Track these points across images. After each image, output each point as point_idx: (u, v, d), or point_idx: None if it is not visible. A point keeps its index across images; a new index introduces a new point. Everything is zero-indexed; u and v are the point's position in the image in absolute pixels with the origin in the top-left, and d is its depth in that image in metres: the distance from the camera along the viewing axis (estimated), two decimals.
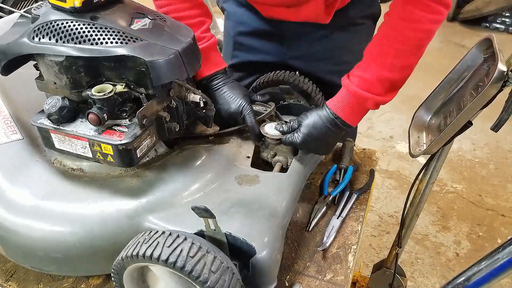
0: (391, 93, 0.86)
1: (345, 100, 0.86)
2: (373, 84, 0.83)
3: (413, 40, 0.81)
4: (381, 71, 0.83)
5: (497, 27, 4.20)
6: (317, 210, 0.98)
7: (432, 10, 0.78)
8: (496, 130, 0.73)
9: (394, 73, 0.83)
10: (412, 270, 1.89)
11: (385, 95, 0.85)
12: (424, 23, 0.79)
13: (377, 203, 2.25)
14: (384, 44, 0.83)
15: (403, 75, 0.85)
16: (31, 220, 0.76)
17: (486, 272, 0.76)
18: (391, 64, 0.82)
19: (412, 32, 0.80)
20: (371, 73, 0.83)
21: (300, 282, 0.83)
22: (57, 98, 0.75)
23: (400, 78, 0.85)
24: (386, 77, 0.83)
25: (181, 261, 0.60)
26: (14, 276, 0.86)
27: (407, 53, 0.82)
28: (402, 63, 0.83)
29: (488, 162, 2.53)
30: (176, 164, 0.85)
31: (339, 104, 0.87)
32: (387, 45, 0.82)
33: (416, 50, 0.82)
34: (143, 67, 0.71)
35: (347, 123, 0.88)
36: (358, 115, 0.88)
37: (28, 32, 0.73)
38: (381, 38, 0.84)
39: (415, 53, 0.83)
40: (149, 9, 0.82)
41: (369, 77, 0.83)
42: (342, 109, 0.87)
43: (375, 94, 0.84)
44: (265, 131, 0.95)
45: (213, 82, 1.00)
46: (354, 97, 0.85)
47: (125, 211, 0.76)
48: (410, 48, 0.82)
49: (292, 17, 1.11)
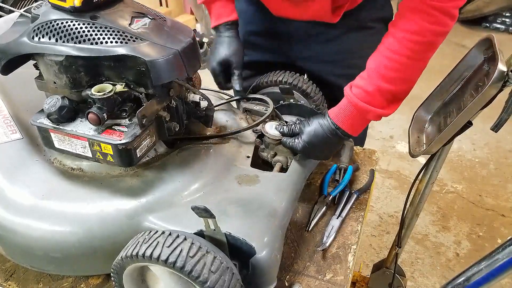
0: (393, 105, 0.85)
1: (347, 111, 0.85)
2: (375, 96, 0.82)
3: (417, 53, 0.79)
4: (383, 83, 0.81)
5: (497, 27, 4.20)
6: (317, 210, 0.98)
7: (437, 21, 0.76)
8: (496, 130, 0.73)
9: (396, 86, 0.82)
10: (412, 270, 1.89)
11: (387, 108, 0.84)
12: (427, 36, 0.78)
13: (377, 203, 2.25)
14: (386, 56, 0.81)
15: (406, 88, 0.83)
16: (30, 219, 0.76)
17: (485, 273, 0.76)
18: (393, 77, 0.81)
19: (415, 45, 0.78)
20: (373, 85, 0.82)
21: (299, 282, 0.83)
22: (57, 97, 0.75)
23: (403, 91, 0.83)
24: (387, 89, 0.82)
25: (181, 261, 0.60)
26: (14, 276, 0.86)
27: (410, 67, 0.81)
28: (404, 76, 0.81)
29: (488, 162, 2.53)
30: (176, 164, 0.85)
31: (340, 115, 0.86)
32: (389, 58, 0.81)
33: (418, 63, 0.81)
34: (143, 66, 0.71)
35: (348, 133, 0.87)
36: (360, 126, 0.87)
37: (28, 32, 0.73)
38: (384, 49, 0.82)
39: (418, 67, 0.82)
40: (149, 9, 0.82)
41: (371, 90, 0.82)
42: (343, 120, 0.86)
43: (376, 107, 0.83)
44: (265, 131, 0.95)
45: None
46: (355, 109, 0.84)
47: (124, 210, 0.76)
48: (412, 62, 0.80)
49: (300, 15, 1.10)
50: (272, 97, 1.11)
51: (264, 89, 1.13)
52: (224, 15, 1.08)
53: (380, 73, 0.81)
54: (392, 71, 0.81)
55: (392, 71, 0.81)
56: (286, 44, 1.21)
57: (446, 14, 0.76)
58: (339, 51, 1.17)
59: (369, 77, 0.83)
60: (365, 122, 0.87)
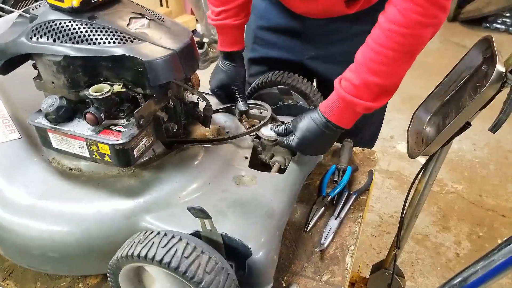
0: (381, 98, 0.82)
1: (336, 104, 0.84)
2: (361, 90, 0.80)
3: (403, 46, 0.76)
4: (369, 76, 0.79)
5: (497, 27, 4.19)
6: (315, 210, 0.98)
7: (425, 13, 0.73)
8: (494, 131, 0.73)
9: (382, 79, 0.79)
10: (412, 270, 1.89)
11: (375, 101, 0.82)
12: (415, 28, 0.74)
13: (377, 203, 2.24)
14: (373, 48, 0.79)
15: (393, 82, 0.81)
16: (28, 219, 0.76)
17: (482, 273, 0.76)
18: (379, 70, 0.78)
19: (402, 38, 0.75)
20: (360, 79, 0.80)
21: (297, 283, 0.83)
22: (55, 97, 0.75)
23: (391, 84, 0.81)
24: (374, 83, 0.80)
25: (176, 261, 0.60)
26: (12, 275, 0.86)
27: (396, 60, 0.78)
28: (390, 70, 0.79)
29: (488, 162, 2.53)
30: (174, 164, 0.85)
31: (329, 108, 0.86)
32: (375, 50, 0.78)
33: (406, 57, 0.78)
34: (140, 67, 0.71)
35: (339, 126, 0.86)
36: (350, 119, 0.86)
37: (26, 32, 0.73)
38: (371, 41, 0.79)
39: (405, 60, 0.79)
40: (147, 9, 0.82)
41: (357, 83, 0.80)
42: (332, 113, 0.85)
43: (364, 100, 0.81)
44: (261, 133, 0.95)
45: None
46: (343, 102, 0.83)
47: (122, 211, 0.76)
48: (399, 55, 0.77)
49: (312, 8, 1.08)
50: (270, 98, 1.11)
51: (262, 90, 1.13)
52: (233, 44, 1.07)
53: (367, 66, 0.79)
54: (378, 64, 0.78)
55: (378, 64, 0.78)
56: (296, 41, 1.19)
57: (435, 6, 0.73)
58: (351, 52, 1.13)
59: (356, 70, 0.81)
60: (355, 114, 0.85)
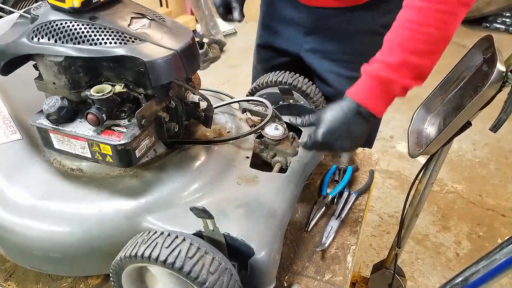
0: (418, 79, 0.78)
1: (367, 86, 0.78)
2: (397, 67, 0.76)
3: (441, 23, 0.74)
4: (406, 55, 0.76)
5: (497, 27, 4.19)
6: (316, 210, 0.98)
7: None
8: (494, 130, 0.73)
9: (419, 58, 0.76)
10: (412, 270, 1.89)
11: (412, 80, 0.77)
12: (452, 5, 0.73)
13: (377, 203, 2.24)
14: (409, 28, 0.76)
15: (430, 61, 0.77)
16: (29, 219, 0.76)
17: (483, 273, 0.76)
18: (415, 49, 0.75)
19: (440, 14, 0.73)
20: (396, 58, 0.76)
21: (298, 283, 0.83)
22: (56, 98, 0.75)
23: (427, 65, 0.77)
24: (411, 61, 0.76)
25: (180, 262, 0.60)
26: (13, 276, 0.86)
27: (436, 37, 0.75)
28: (430, 48, 0.76)
29: (488, 162, 2.53)
30: (175, 164, 0.85)
31: (360, 91, 0.79)
32: (413, 29, 0.75)
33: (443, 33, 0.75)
34: (142, 67, 0.71)
35: (371, 112, 0.79)
36: (384, 103, 0.79)
37: (27, 32, 0.73)
38: (405, 21, 0.76)
39: (444, 37, 0.76)
40: (148, 9, 0.82)
41: (393, 61, 0.76)
42: (364, 96, 0.79)
43: (400, 77, 0.76)
44: (264, 132, 0.95)
45: None
46: (376, 81, 0.77)
47: (123, 211, 0.76)
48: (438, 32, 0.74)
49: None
50: (271, 97, 1.11)
51: (263, 90, 1.14)
52: None
53: (404, 46, 0.76)
54: (417, 43, 0.75)
55: (418, 42, 0.75)
56: (297, 32, 1.19)
57: None
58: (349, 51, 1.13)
59: (390, 51, 0.77)
60: (390, 97, 0.79)
